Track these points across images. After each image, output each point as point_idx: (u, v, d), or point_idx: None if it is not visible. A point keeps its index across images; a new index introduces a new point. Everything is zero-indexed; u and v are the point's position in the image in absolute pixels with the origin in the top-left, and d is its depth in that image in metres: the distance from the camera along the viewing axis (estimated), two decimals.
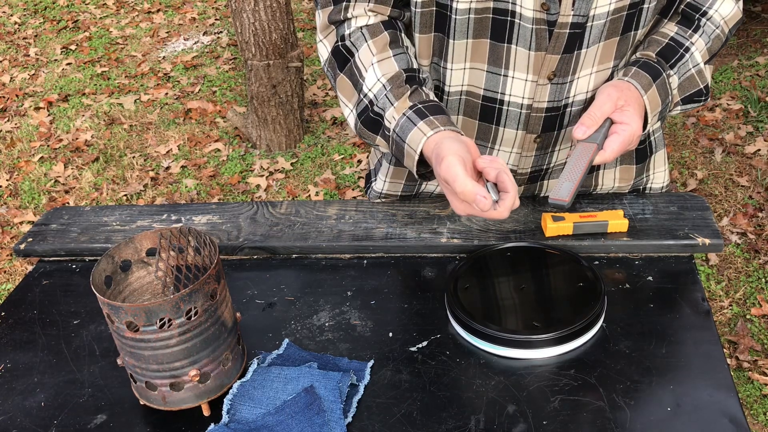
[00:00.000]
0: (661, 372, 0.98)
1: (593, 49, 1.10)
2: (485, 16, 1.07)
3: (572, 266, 1.14)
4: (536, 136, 1.20)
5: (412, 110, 1.06)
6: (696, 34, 1.16)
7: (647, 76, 1.11)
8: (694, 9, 1.16)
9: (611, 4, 1.05)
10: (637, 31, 1.13)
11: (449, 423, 0.94)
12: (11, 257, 3.17)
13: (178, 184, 3.55)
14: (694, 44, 1.15)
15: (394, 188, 1.39)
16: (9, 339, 1.16)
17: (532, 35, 1.07)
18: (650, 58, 1.13)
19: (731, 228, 2.84)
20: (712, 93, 3.66)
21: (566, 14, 1.04)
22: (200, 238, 1.01)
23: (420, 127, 1.04)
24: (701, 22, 1.15)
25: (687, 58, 1.14)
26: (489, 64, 1.12)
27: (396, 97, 1.08)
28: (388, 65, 1.10)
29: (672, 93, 1.14)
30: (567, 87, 1.14)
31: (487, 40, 1.09)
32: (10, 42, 5.33)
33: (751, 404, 2.19)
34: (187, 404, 0.97)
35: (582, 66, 1.12)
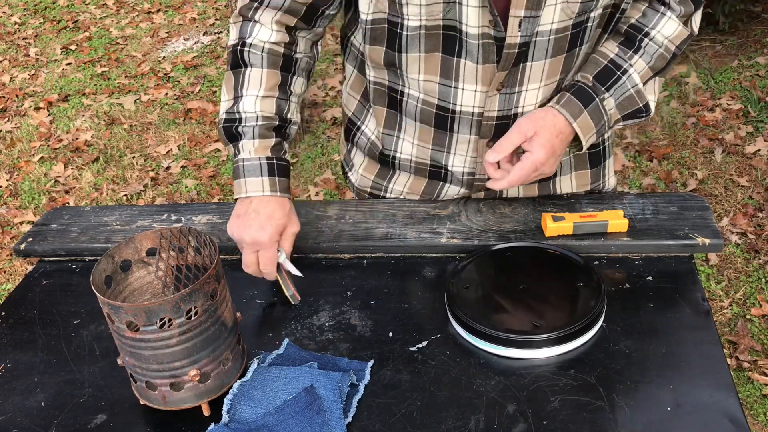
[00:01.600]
0: (661, 372, 0.98)
1: (539, 64, 1.16)
2: (435, 32, 1.12)
3: (572, 266, 1.14)
4: (488, 140, 1.25)
5: (267, 161, 1.18)
6: (636, 55, 1.20)
7: (578, 104, 1.17)
8: (636, 30, 1.20)
9: (554, 23, 1.11)
10: (582, 47, 1.18)
11: (449, 423, 0.94)
12: (11, 257, 3.17)
13: (178, 184, 3.55)
14: (633, 66, 1.19)
15: (365, 183, 1.42)
16: (9, 339, 1.16)
17: (479, 50, 1.12)
18: (586, 81, 1.18)
19: (731, 228, 2.84)
20: (712, 92, 3.66)
21: (514, 35, 1.10)
22: (200, 238, 1.01)
23: (263, 181, 1.16)
24: (643, 43, 1.20)
25: (624, 80, 1.19)
26: (441, 76, 1.18)
27: (260, 137, 1.18)
28: (269, 104, 1.20)
29: (608, 114, 1.19)
30: (516, 97, 1.19)
31: (439, 54, 1.15)
32: (10, 42, 5.33)
33: (751, 404, 2.19)
34: (187, 404, 0.97)
35: (529, 79, 1.17)
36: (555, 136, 1.15)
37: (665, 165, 3.24)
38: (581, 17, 1.12)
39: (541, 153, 1.14)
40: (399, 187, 1.38)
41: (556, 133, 1.15)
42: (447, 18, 1.10)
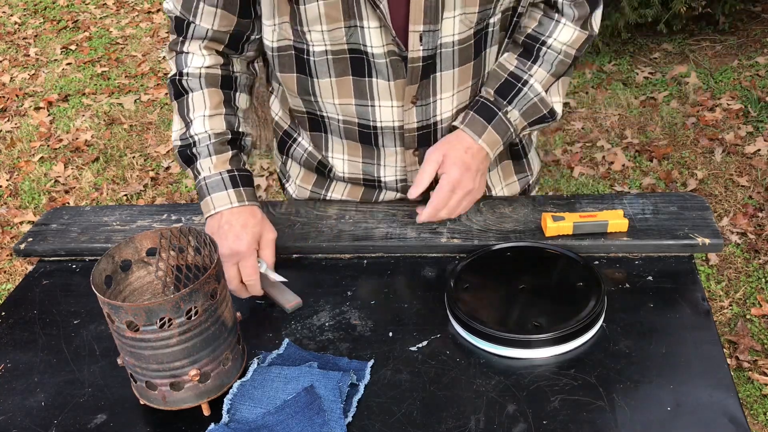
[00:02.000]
0: (661, 372, 0.98)
1: (448, 74, 1.18)
2: (342, 56, 1.15)
3: (572, 266, 1.14)
4: (414, 150, 1.27)
5: (229, 174, 1.19)
6: (535, 65, 1.23)
7: (481, 120, 1.21)
8: (533, 39, 1.23)
9: (455, 35, 1.13)
10: (487, 50, 1.21)
11: (449, 423, 0.94)
12: (11, 257, 3.17)
13: (178, 184, 3.55)
14: (533, 76, 1.22)
15: (302, 194, 1.43)
16: (9, 339, 1.16)
17: (388, 68, 1.15)
18: (488, 97, 1.22)
19: (731, 228, 2.84)
20: (712, 92, 3.66)
21: (416, 50, 1.13)
22: (200, 237, 1.01)
23: (229, 194, 1.17)
24: (541, 52, 1.22)
25: (526, 90, 1.22)
26: (356, 98, 1.20)
27: (216, 152, 1.19)
28: (217, 121, 1.21)
29: (513, 125, 1.23)
30: (432, 107, 1.22)
31: (350, 77, 1.18)
32: (10, 42, 5.33)
33: (751, 404, 2.19)
34: (187, 404, 0.97)
35: (442, 89, 1.20)
36: (464, 152, 1.19)
37: (665, 165, 3.24)
38: (481, 25, 1.15)
39: (453, 171, 1.18)
40: (337, 195, 1.40)
41: (463, 150, 1.19)
42: (351, 42, 1.13)
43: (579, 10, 1.22)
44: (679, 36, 4.18)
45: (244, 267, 1.14)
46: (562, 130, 3.57)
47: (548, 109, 1.25)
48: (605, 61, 4.07)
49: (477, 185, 1.20)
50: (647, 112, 3.62)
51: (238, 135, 1.23)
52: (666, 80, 3.84)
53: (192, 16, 1.19)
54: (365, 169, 1.32)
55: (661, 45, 4.15)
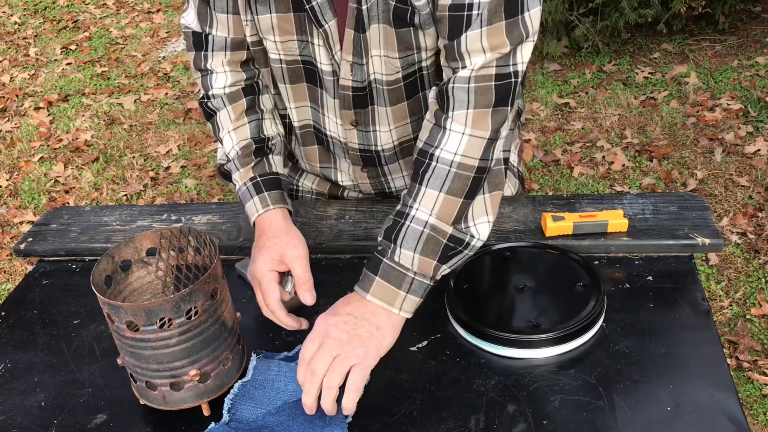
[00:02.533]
0: (661, 372, 0.98)
1: (383, 109, 1.17)
2: (296, 66, 1.17)
3: (572, 266, 1.14)
4: (361, 167, 1.29)
5: (252, 182, 1.19)
6: (422, 188, 1.01)
7: (369, 275, 1.01)
8: (421, 155, 1.03)
9: (383, 75, 1.11)
10: (425, 91, 1.16)
11: (449, 423, 0.94)
12: (11, 257, 3.17)
13: (178, 184, 3.55)
14: (418, 201, 1.01)
15: None
16: (9, 339, 1.16)
17: (332, 86, 1.16)
18: (378, 245, 1.04)
19: (731, 228, 2.84)
20: (712, 92, 3.67)
21: (347, 78, 1.12)
22: (200, 237, 1.01)
23: (254, 202, 1.17)
24: (429, 170, 1.01)
25: (409, 224, 1.00)
26: (310, 101, 1.22)
27: (242, 165, 1.21)
28: (242, 132, 1.22)
29: (410, 268, 1.00)
30: (372, 135, 1.22)
31: (305, 84, 1.20)
32: (10, 42, 5.33)
33: (751, 404, 2.19)
34: (187, 404, 0.97)
35: (379, 122, 1.19)
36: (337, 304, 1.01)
37: (665, 165, 3.24)
38: (410, 69, 1.11)
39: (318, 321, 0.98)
40: (309, 184, 1.43)
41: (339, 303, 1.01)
42: (303, 54, 1.14)
43: (480, 97, 0.99)
44: (679, 36, 4.18)
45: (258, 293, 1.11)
46: (562, 130, 3.57)
47: (446, 237, 1.01)
48: (605, 61, 4.07)
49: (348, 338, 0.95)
50: (647, 112, 3.62)
51: (263, 140, 1.24)
52: (666, 80, 3.84)
53: (209, 27, 1.19)
54: (324, 173, 1.36)
55: (661, 45, 4.15)
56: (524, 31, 0.97)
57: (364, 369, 0.94)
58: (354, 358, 0.93)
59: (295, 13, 1.10)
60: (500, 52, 0.98)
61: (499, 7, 0.96)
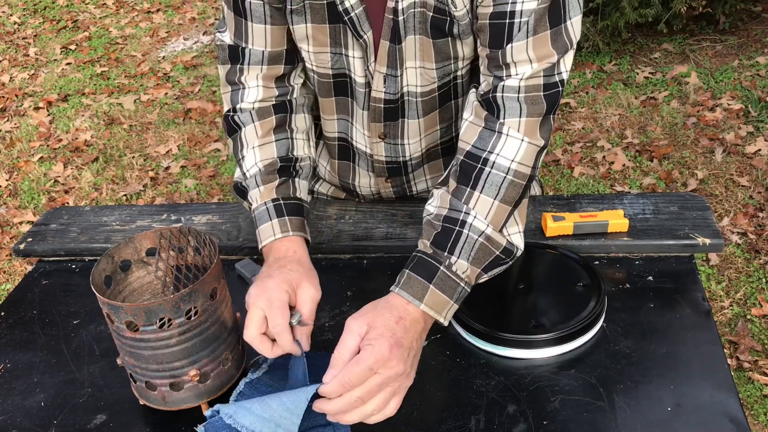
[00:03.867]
0: (661, 372, 0.98)
1: (415, 122, 1.17)
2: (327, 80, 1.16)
3: (572, 266, 1.14)
4: (385, 178, 1.29)
5: (273, 203, 1.10)
6: (475, 193, 0.99)
7: (421, 281, 0.96)
8: (472, 159, 1.00)
9: (418, 86, 1.11)
10: (457, 100, 1.17)
11: (449, 423, 0.93)
12: (11, 257, 3.17)
13: (178, 184, 3.55)
14: (472, 210, 0.99)
15: None
16: (9, 339, 1.16)
17: (364, 98, 1.15)
18: (425, 250, 0.99)
19: (732, 228, 2.84)
20: (712, 92, 3.66)
21: (378, 90, 1.12)
22: (200, 237, 1.01)
23: (273, 225, 1.08)
24: (482, 175, 0.99)
25: (467, 233, 0.98)
26: (338, 113, 1.22)
27: (263, 183, 1.12)
28: (268, 150, 1.15)
29: (462, 277, 0.98)
30: (400, 148, 1.22)
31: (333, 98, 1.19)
32: (9, 42, 5.33)
33: (752, 404, 2.19)
34: (187, 404, 0.97)
35: (409, 134, 1.19)
36: (395, 323, 0.92)
37: (665, 165, 3.24)
38: (445, 80, 1.12)
39: (382, 344, 0.88)
40: (324, 190, 1.43)
41: (395, 320, 0.92)
42: (336, 68, 1.14)
43: (531, 107, 0.99)
44: (680, 36, 4.18)
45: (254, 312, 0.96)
46: (562, 130, 3.57)
47: (500, 249, 1.00)
48: (605, 61, 4.07)
49: (408, 370, 0.91)
50: (647, 112, 3.62)
51: (290, 160, 1.16)
52: (666, 80, 3.84)
53: (245, 41, 1.14)
54: (343, 183, 1.36)
55: (662, 45, 4.15)
56: (568, 40, 0.99)
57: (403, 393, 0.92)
58: (403, 391, 0.91)
59: (331, 25, 1.09)
60: (548, 62, 0.99)
61: (544, 17, 0.96)
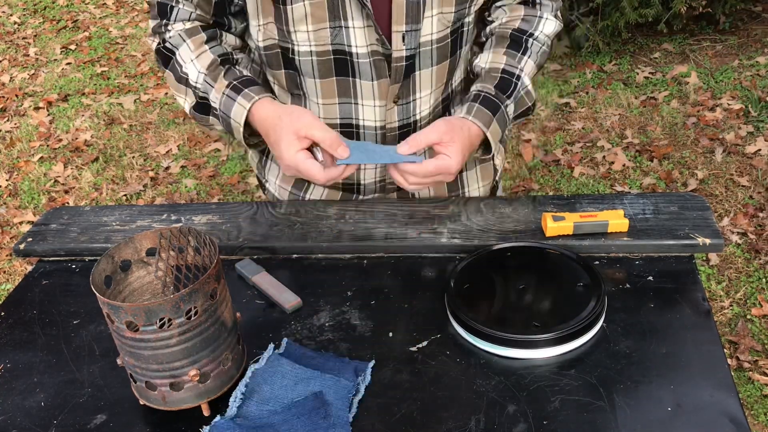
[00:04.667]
0: (661, 372, 0.98)
1: (427, 72, 1.23)
2: (326, 57, 1.17)
3: (572, 266, 1.14)
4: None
5: (229, 88, 1.19)
6: (525, 57, 1.26)
7: (488, 113, 1.21)
8: (521, 32, 1.27)
9: (433, 34, 1.18)
10: (461, 50, 1.26)
11: (449, 423, 0.93)
12: (11, 257, 3.17)
13: (178, 184, 3.55)
14: (523, 69, 1.25)
15: (282, 194, 1.45)
16: (9, 339, 1.16)
17: (372, 68, 1.18)
18: (489, 91, 1.22)
19: (732, 228, 2.84)
20: (712, 92, 3.66)
21: (399, 49, 1.17)
22: (200, 238, 1.01)
23: (239, 102, 1.17)
24: (529, 44, 1.27)
25: (519, 84, 1.25)
26: (340, 96, 1.23)
27: (213, 80, 1.20)
28: (205, 57, 1.22)
29: (509, 119, 1.25)
30: (411, 106, 1.26)
31: (334, 78, 1.20)
32: (9, 42, 5.33)
33: (752, 404, 2.19)
34: (187, 404, 0.97)
35: (421, 88, 1.24)
36: (467, 148, 1.17)
37: (665, 165, 3.24)
38: (457, 24, 1.20)
39: (458, 159, 1.14)
40: (316, 197, 1.43)
41: (468, 145, 1.17)
42: (335, 43, 1.15)
43: (555, 2, 1.30)
44: (680, 36, 4.18)
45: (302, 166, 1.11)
46: (562, 130, 3.57)
47: (532, 102, 1.28)
48: (605, 61, 4.07)
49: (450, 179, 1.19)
50: (647, 112, 3.62)
51: (227, 55, 1.23)
52: (666, 80, 3.84)
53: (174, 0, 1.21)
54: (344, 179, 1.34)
55: (662, 45, 4.15)
56: None
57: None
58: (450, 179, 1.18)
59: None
60: None
61: None
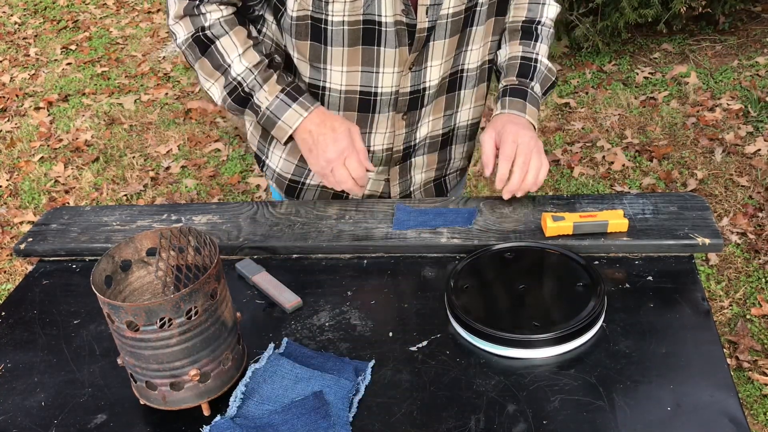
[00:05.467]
0: (661, 372, 0.98)
1: (440, 43, 1.30)
2: (356, 27, 1.24)
3: (572, 266, 1.14)
4: (403, 114, 1.38)
5: (284, 93, 1.28)
6: (538, 43, 1.40)
7: (520, 101, 1.34)
8: (530, 22, 1.41)
9: (450, 8, 1.26)
10: (473, 28, 1.33)
11: (449, 423, 0.94)
12: (11, 257, 3.17)
13: (178, 184, 3.55)
14: (539, 53, 1.39)
15: (287, 168, 1.48)
16: (9, 339, 1.16)
17: (395, 37, 1.25)
18: (513, 82, 1.36)
19: (731, 228, 2.84)
20: (712, 92, 3.67)
21: (423, 21, 1.25)
22: (200, 237, 1.01)
23: (295, 109, 1.27)
24: (539, 30, 1.41)
25: (538, 66, 1.38)
26: (363, 65, 1.29)
27: (264, 80, 1.28)
28: (251, 55, 1.28)
29: (540, 96, 1.38)
30: (422, 73, 1.33)
31: (360, 47, 1.26)
32: (10, 42, 5.33)
33: (751, 404, 2.19)
34: (187, 404, 0.97)
35: (433, 57, 1.32)
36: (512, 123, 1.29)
37: (665, 165, 3.24)
38: (472, 2, 1.29)
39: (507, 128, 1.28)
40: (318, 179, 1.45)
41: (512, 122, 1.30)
42: (367, 12, 1.22)
43: None
44: (679, 36, 4.18)
45: (351, 162, 1.26)
46: (562, 130, 3.57)
47: (555, 76, 1.41)
48: (605, 61, 4.07)
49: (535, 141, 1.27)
50: (647, 112, 3.62)
51: (271, 57, 1.30)
52: (666, 80, 3.84)
53: None
54: None
55: (661, 45, 4.15)
56: None
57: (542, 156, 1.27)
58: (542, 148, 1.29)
59: None
60: None
61: None
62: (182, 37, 1.28)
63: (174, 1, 1.26)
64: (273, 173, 1.50)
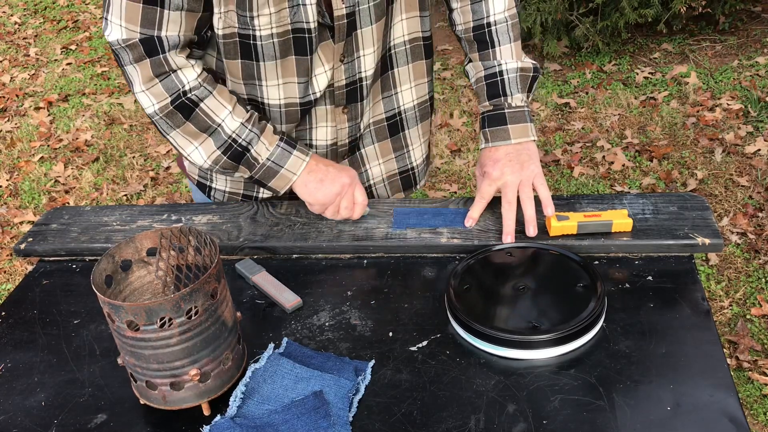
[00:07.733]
0: (661, 372, 0.98)
1: (368, 30, 1.26)
2: (287, 38, 1.20)
3: (572, 266, 1.14)
4: (343, 107, 1.34)
5: (283, 141, 1.27)
6: (496, 49, 1.31)
7: (500, 128, 1.29)
8: (479, 28, 1.32)
9: None
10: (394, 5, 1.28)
11: (449, 423, 0.94)
12: (11, 257, 3.17)
13: (178, 184, 3.55)
14: (501, 59, 1.31)
15: (237, 186, 1.44)
16: (9, 339, 1.16)
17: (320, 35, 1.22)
18: (488, 108, 1.31)
19: (731, 228, 2.84)
20: (712, 92, 3.67)
21: (339, 8, 1.20)
22: (201, 237, 1.01)
23: (296, 155, 1.26)
24: (492, 34, 1.31)
25: (506, 75, 1.30)
26: (298, 75, 1.25)
27: (260, 132, 1.25)
28: (240, 111, 1.25)
29: (523, 104, 1.30)
30: (356, 63, 1.29)
31: (293, 57, 1.22)
32: (10, 42, 5.33)
33: (751, 404, 2.19)
34: (188, 404, 0.97)
35: (363, 46, 1.27)
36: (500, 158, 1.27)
37: (665, 165, 3.24)
38: None
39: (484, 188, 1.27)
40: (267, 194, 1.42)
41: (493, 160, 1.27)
42: (294, 21, 1.18)
43: None
44: (679, 36, 4.18)
45: (358, 190, 1.28)
46: (561, 130, 3.57)
47: (532, 71, 1.32)
48: (605, 61, 4.07)
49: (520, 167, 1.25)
50: (647, 112, 3.62)
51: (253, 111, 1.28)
52: (666, 80, 3.84)
53: (158, 29, 1.14)
54: (298, 135, 1.37)
55: (661, 45, 4.15)
56: None
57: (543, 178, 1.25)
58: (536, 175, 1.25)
59: None
60: None
61: None
62: (157, 106, 1.20)
63: (135, 69, 1.18)
64: (223, 194, 1.45)
